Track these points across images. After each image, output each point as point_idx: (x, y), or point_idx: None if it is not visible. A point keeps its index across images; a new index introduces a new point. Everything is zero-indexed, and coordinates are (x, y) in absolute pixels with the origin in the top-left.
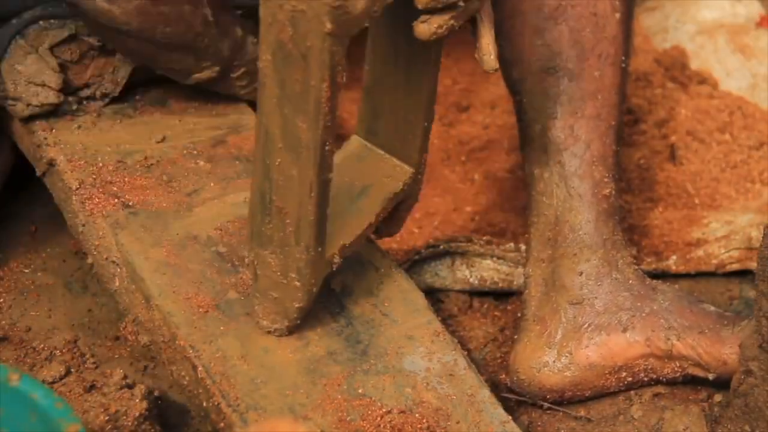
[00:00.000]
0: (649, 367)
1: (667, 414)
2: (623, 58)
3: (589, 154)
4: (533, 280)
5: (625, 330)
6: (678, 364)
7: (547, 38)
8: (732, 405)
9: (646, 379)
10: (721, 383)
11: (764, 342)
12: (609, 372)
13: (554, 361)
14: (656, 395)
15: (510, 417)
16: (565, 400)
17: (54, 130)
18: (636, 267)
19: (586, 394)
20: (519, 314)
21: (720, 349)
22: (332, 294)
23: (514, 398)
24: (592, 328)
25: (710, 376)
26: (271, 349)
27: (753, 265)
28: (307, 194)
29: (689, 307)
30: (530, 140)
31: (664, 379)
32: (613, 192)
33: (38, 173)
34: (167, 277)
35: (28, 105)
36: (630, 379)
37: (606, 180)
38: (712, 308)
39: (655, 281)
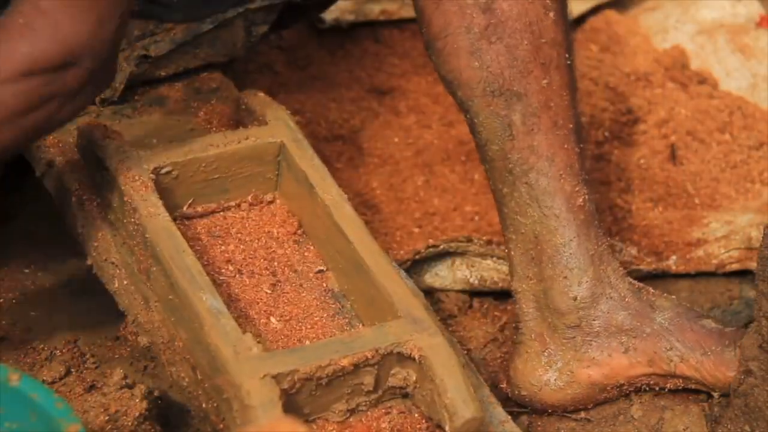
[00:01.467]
0: (652, 382)
1: (667, 414)
2: (567, 55)
3: (555, 168)
4: (523, 296)
5: (626, 351)
6: (681, 381)
7: (485, 59)
8: (732, 405)
9: (647, 389)
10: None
11: (764, 342)
12: (611, 387)
13: (555, 380)
14: (656, 395)
15: (509, 417)
16: (567, 413)
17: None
18: (629, 279)
19: (588, 407)
20: (514, 325)
21: (725, 372)
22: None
23: (516, 411)
24: (593, 348)
25: (715, 394)
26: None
27: (753, 265)
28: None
29: (690, 326)
30: (490, 159)
31: (666, 389)
32: (587, 197)
33: (38, 173)
34: None
35: None
36: (631, 390)
37: (577, 189)
38: (713, 325)
39: (651, 294)
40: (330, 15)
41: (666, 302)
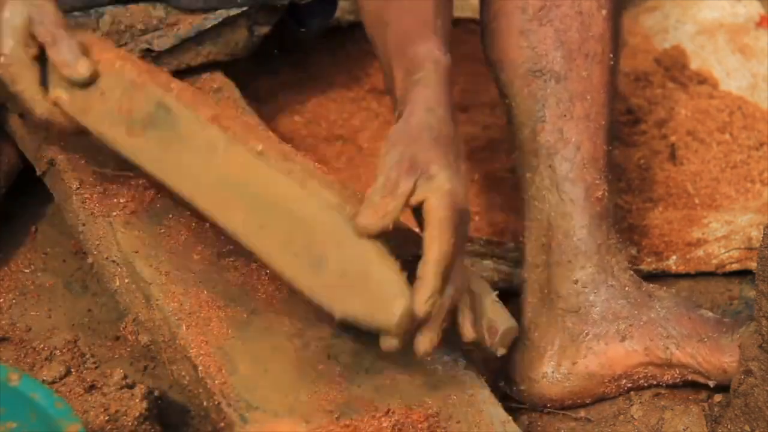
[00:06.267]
0: (649, 374)
1: (667, 414)
2: (611, 55)
3: (580, 156)
4: (529, 286)
5: (623, 339)
6: (677, 371)
7: (532, 40)
8: (732, 405)
9: (645, 384)
10: (722, 389)
11: (764, 342)
12: (608, 380)
13: (553, 372)
14: (656, 395)
15: (510, 417)
16: (565, 408)
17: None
18: (631, 272)
19: (587, 402)
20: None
21: (720, 357)
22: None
23: (514, 405)
24: (590, 338)
25: (710, 384)
26: None
27: (753, 265)
28: None
29: (687, 314)
30: (520, 144)
31: (664, 384)
32: (606, 194)
33: (38, 173)
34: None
35: None
36: (630, 385)
37: (598, 182)
38: (710, 314)
39: (651, 287)
40: None
41: (665, 294)
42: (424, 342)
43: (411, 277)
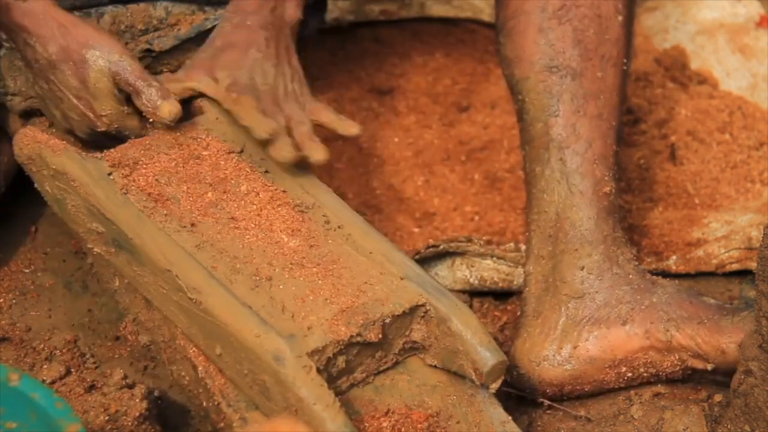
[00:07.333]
0: (649, 360)
1: (667, 414)
2: (624, 60)
3: (591, 152)
4: (533, 278)
5: (624, 323)
6: (677, 357)
7: (551, 37)
8: (732, 405)
9: (645, 374)
10: (720, 374)
11: (764, 342)
12: (609, 366)
13: (554, 355)
14: (656, 395)
15: (510, 417)
16: (564, 394)
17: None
18: (636, 263)
19: (586, 389)
20: (519, 312)
21: (719, 338)
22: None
23: (514, 392)
24: (592, 322)
25: (709, 367)
26: None
27: (753, 265)
28: None
29: (688, 299)
30: (531, 138)
31: (664, 374)
32: (614, 191)
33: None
34: None
35: (28, 98)
36: (630, 374)
37: (606, 179)
38: (712, 301)
39: (655, 277)
40: (330, 15)
41: (668, 282)
42: (282, 149)
43: None
